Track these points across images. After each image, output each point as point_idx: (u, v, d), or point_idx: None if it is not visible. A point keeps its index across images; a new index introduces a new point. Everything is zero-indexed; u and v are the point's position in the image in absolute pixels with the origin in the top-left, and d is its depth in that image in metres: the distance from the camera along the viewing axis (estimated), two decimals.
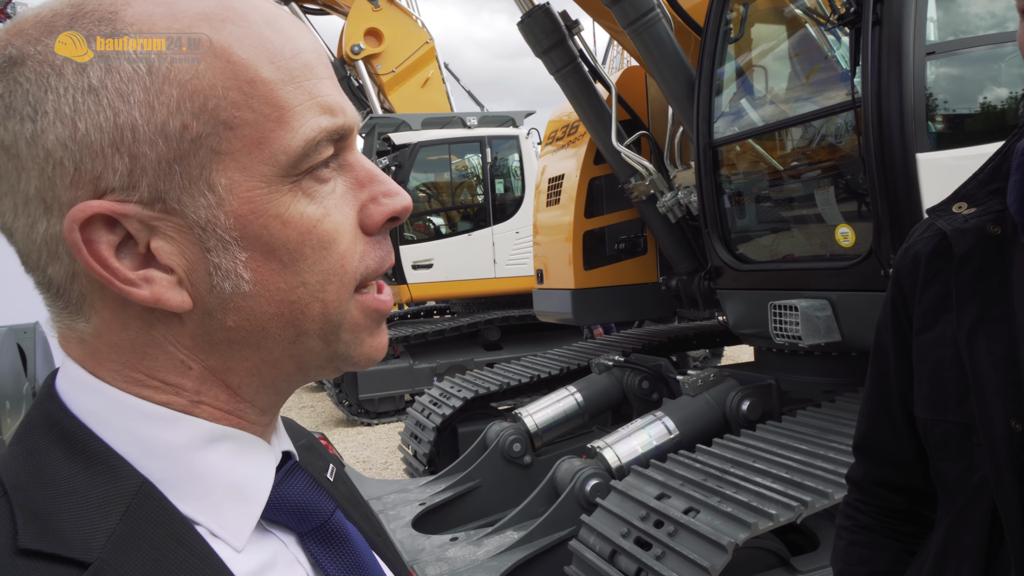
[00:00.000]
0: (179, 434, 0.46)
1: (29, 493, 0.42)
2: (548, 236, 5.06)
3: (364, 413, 8.07)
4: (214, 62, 0.44)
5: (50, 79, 0.42)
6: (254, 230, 0.45)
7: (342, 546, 0.53)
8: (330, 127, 0.46)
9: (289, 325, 0.48)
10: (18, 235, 0.45)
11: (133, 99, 0.42)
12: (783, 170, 3.42)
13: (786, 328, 2.95)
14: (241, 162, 0.44)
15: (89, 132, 0.42)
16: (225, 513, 0.47)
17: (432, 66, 9.91)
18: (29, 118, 0.42)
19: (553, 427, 4.16)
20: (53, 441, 0.44)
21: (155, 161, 0.43)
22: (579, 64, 4.29)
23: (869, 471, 1.14)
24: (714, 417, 3.47)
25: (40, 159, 0.42)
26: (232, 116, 0.44)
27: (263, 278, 0.46)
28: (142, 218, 0.44)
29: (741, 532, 2.25)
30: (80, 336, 0.47)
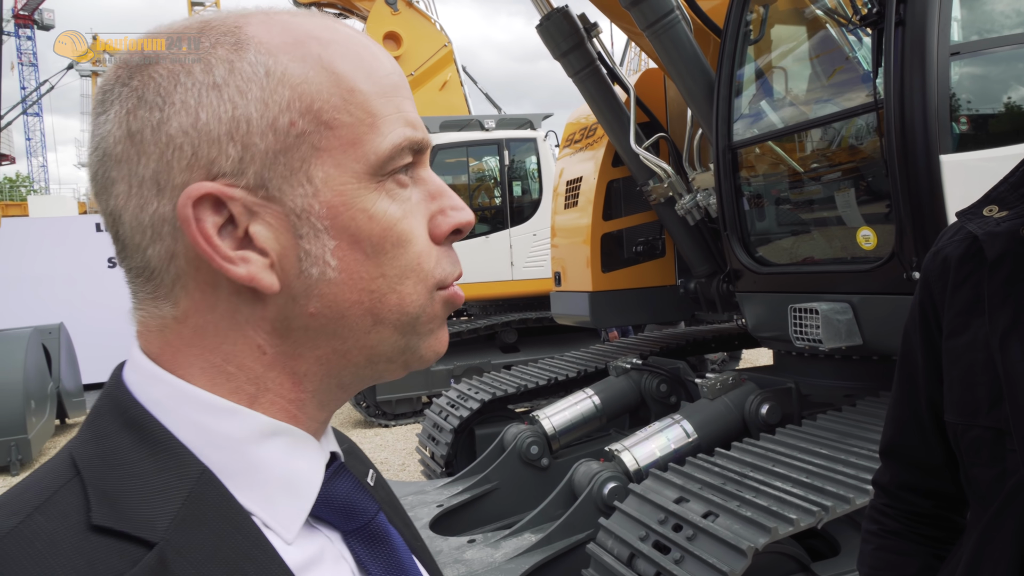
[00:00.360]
0: (239, 426, 0.49)
1: (100, 474, 0.45)
2: (566, 238, 5.06)
3: (381, 415, 8.10)
4: (321, 71, 0.50)
5: (180, 76, 0.48)
6: (343, 220, 0.49)
7: (384, 546, 0.55)
8: (412, 137, 0.52)
9: (367, 314, 0.51)
10: (127, 216, 0.49)
11: (250, 96, 0.48)
12: (803, 172, 3.40)
13: (806, 331, 2.92)
14: (337, 158, 0.49)
15: (209, 122, 0.47)
16: (277, 505, 0.49)
17: (450, 69, 9.95)
18: (157, 107, 0.47)
19: (570, 430, 4.16)
20: (121, 427, 0.47)
21: (263, 151, 0.48)
22: (597, 67, 4.29)
23: (896, 475, 1.13)
24: (733, 421, 3.45)
25: (162, 144, 0.47)
26: (332, 118, 0.49)
27: (347, 266, 0.50)
28: (246, 203, 0.48)
29: (761, 536, 2.23)
30: (162, 323, 0.50)
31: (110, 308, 12.00)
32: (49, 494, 0.44)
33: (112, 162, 0.49)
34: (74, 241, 12.25)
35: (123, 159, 0.48)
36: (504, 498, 3.95)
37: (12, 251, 10.37)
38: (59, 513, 0.43)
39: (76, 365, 9.43)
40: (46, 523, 0.42)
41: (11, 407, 7.10)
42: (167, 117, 0.47)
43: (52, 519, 0.42)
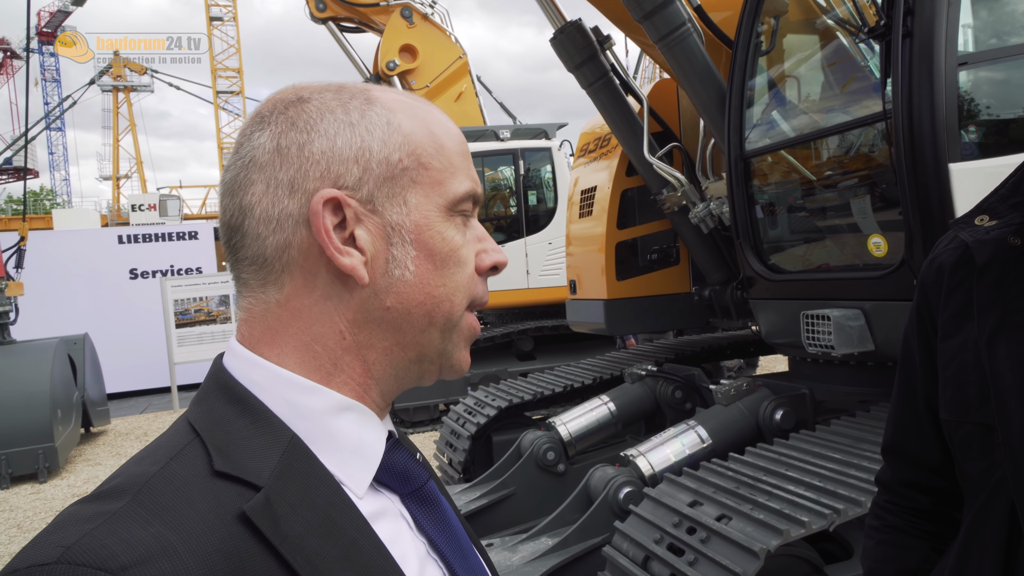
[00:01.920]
0: (319, 401, 0.61)
1: (215, 436, 0.57)
2: (581, 247, 5.12)
3: (400, 422, 8.18)
4: (424, 129, 0.66)
5: (326, 113, 0.63)
6: (424, 237, 0.64)
7: (435, 508, 0.68)
8: (475, 190, 0.68)
9: (426, 315, 0.64)
10: (259, 210, 0.62)
11: (375, 135, 0.63)
12: (815, 180, 3.44)
13: (819, 338, 2.96)
14: (426, 191, 0.65)
15: (343, 148, 0.62)
16: (350, 466, 0.61)
17: (465, 80, 10.06)
18: (305, 131, 0.62)
19: (586, 436, 4.21)
20: (227, 402, 0.60)
21: (377, 176, 0.63)
22: (611, 78, 4.36)
23: (897, 473, 1.18)
24: (747, 426, 3.48)
25: (303, 158, 0.61)
26: (428, 162, 0.65)
27: (421, 273, 0.64)
28: (357, 211, 0.62)
29: (773, 539, 2.27)
30: (266, 308, 0.63)
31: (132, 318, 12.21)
32: (180, 448, 0.56)
33: (256, 168, 0.62)
34: (97, 253, 12.49)
35: (267, 165, 0.62)
36: (521, 503, 4.00)
37: (38, 263, 10.58)
38: (189, 461, 0.55)
39: (100, 374, 9.60)
40: (180, 469, 0.54)
41: (39, 416, 7.25)
42: (311, 140, 0.62)
43: (185, 466, 0.55)
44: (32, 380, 7.43)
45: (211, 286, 11.31)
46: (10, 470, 7.16)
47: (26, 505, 6.58)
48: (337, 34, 9.82)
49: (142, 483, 0.53)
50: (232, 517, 0.52)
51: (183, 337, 11.09)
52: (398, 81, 9.48)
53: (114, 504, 0.51)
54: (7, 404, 7.17)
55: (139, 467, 0.56)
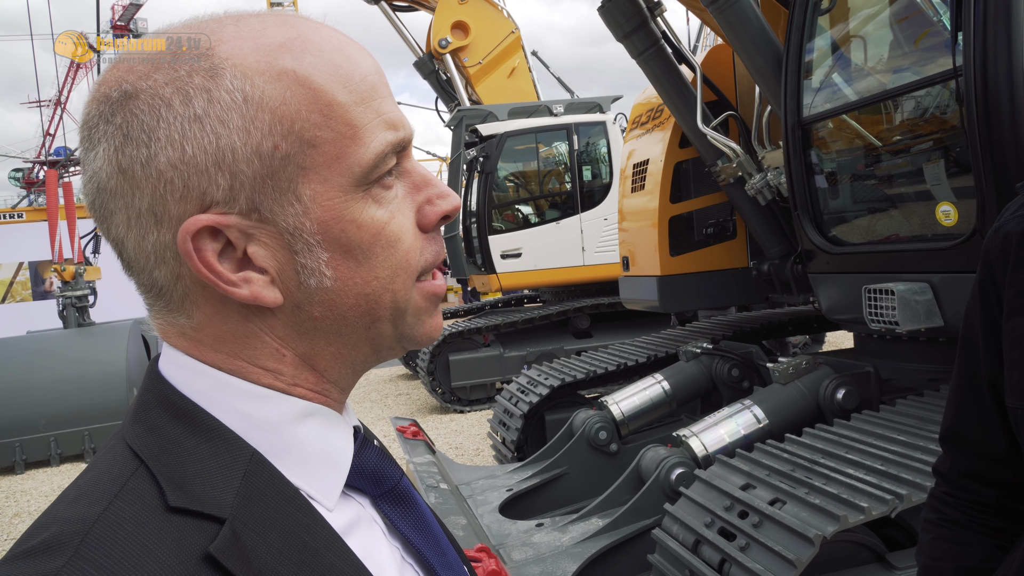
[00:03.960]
0: (278, 410, 0.54)
1: (162, 462, 0.49)
2: (634, 222, 5.00)
3: (456, 400, 8.27)
4: (298, 90, 0.50)
5: (161, 110, 0.49)
6: (334, 233, 0.52)
7: (409, 506, 0.61)
8: (394, 140, 0.54)
9: (365, 314, 0.55)
10: (129, 245, 0.52)
11: (232, 125, 0.49)
12: (879, 146, 3.23)
13: (882, 313, 2.80)
14: (322, 175, 0.51)
15: (195, 154, 0.49)
16: (318, 478, 0.54)
17: (518, 55, 9.93)
18: (144, 144, 0.49)
19: (639, 415, 4.13)
20: (172, 419, 0.51)
21: (251, 177, 0.50)
22: (662, 46, 4.20)
23: (957, 463, 1.09)
24: (806, 406, 3.34)
25: (153, 178, 0.49)
26: (314, 136, 0.51)
27: (342, 274, 0.53)
28: (241, 227, 0.51)
29: (829, 525, 2.17)
30: (181, 331, 0.54)
31: None
32: (123, 483, 0.47)
33: (108, 195, 0.51)
34: None
35: (118, 193, 0.51)
36: (573, 483, 3.97)
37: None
38: (137, 498, 0.47)
39: None
40: (128, 508, 0.46)
41: (116, 394, 7.65)
42: (154, 153, 0.49)
43: (132, 504, 0.46)
44: (109, 360, 7.84)
45: None
46: (93, 445, 7.59)
47: None
48: (390, 14, 9.84)
49: (84, 531, 0.44)
50: (197, 560, 0.44)
51: None
52: (450, 59, 9.44)
53: (53, 562, 0.42)
54: (87, 383, 7.60)
55: (76, 509, 0.46)
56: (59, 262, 8.63)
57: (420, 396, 9.26)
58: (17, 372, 7.61)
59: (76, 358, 7.85)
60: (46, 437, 7.45)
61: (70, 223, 9.01)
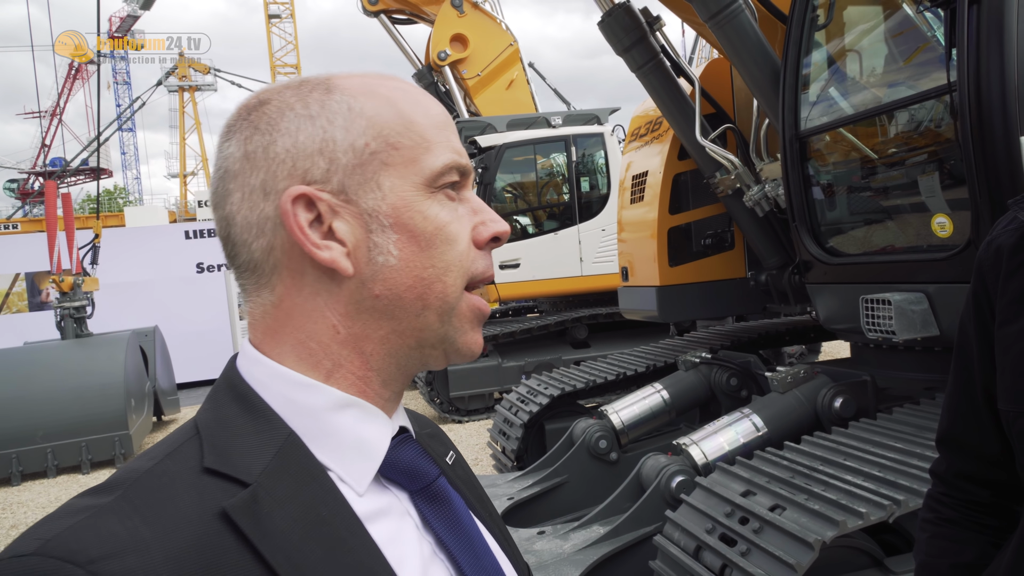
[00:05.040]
0: (319, 399, 0.62)
1: (214, 433, 0.59)
2: (633, 233, 5.05)
3: (455, 411, 8.28)
4: (388, 108, 0.64)
5: (285, 111, 0.62)
6: (404, 219, 0.62)
7: (444, 505, 0.66)
8: (457, 161, 0.66)
9: (418, 299, 0.63)
10: (239, 218, 0.62)
11: (336, 124, 0.62)
12: (875, 158, 3.30)
13: (879, 323, 2.84)
14: (400, 172, 0.63)
15: (305, 142, 0.62)
16: (349, 464, 0.61)
17: (516, 67, 10.03)
18: (267, 133, 0.62)
19: (639, 424, 4.16)
20: (232, 400, 0.62)
21: (345, 164, 0.62)
22: (661, 60, 4.27)
23: (952, 464, 1.13)
24: (804, 414, 3.39)
25: (269, 159, 0.61)
26: (397, 141, 0.63)
27: (405, 256, 0.62)
28: (330, 204, 0.61)
29: (829, 530, 2.20)
30: (264, 311, 0.64)
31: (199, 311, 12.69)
32: (177, 445, 0.58)
33: (230, 177, 0.63)
34: (166, 248, 13.00)
35: (239, 173, 0.62)
36: (573, 491, 4.00)
37: (111, 259, 11.09)
38: (181, 458, 0.57)
39: (170, 365, 10.02)
40: (172, 465, 0.56)
41: (114, 405, 7.64)
42: (274, 140, 0.62)
43: (176, 462, 0.56)
44: (107, 371, 7.82)
45: None
46: (90, 456, 7.57)
47: None
48: (389, 26, 9.93)
49: (134, 478, 0.55)
50: (213, 513, 0.52)
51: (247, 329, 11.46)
52: (449, 71, 9.52)
53: (105, 498, 0.53)
54: (85, 394, 7.58)
55: (139, 462, 0.58)
56: (57, 273, 8.64)
57: (419, 406, 9.27)
58: (14, 383, 7.58)
59: (74, 369, 7.83)
60: (43, 448, 7.43)
61: (68, 234, 9.02)
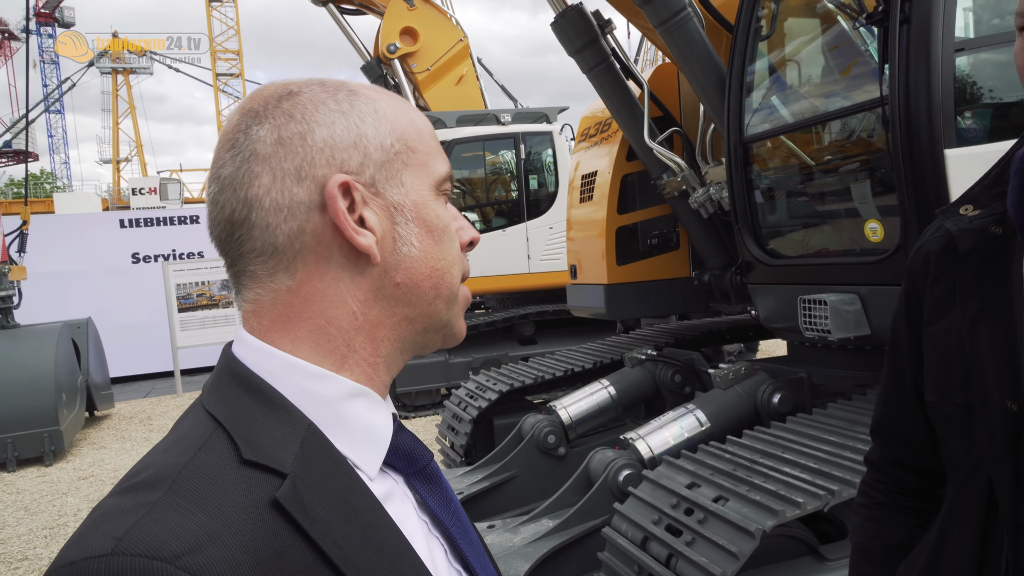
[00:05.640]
0: (332, 388, 0.64)
1: (238, 426, 0.60)
2: (581, 232, 5.15)
3: (402, 407, 8.25)
4: (404, 116, 0.70)
5: (319, 104, 0.66)
6: (423, 214, 0.68)
7: (438, 485, 0.72)
8: (451, 172, 0.74)
9: (433, 287, 0.69)
10: (268, 201, 0.64)
11: (367, 122, 0.67)
12: (814, 165, 3.46)
13: (816, 322, 2.99)
14: (416, 173, 0.69)
15: (342, 135, 0.66)
16: (363, 450, 0.65)
17: (466, 63, 10.00)
18: (304, 122, 0.65)
19: (587, 419, 4.25)
20: (243, 392, 0.62)
21: (375, 160, 0.66)
22: (612, 63, 4.35)
23: (884, 452, 1.23)
24: (745, 410, 3.53)
25: (307, 146, 0.64)
26: (414, 145, 0.70)
27: (424, 248, 0.68)
28: (363, 194, 0.65)
29: (768, 519, 2.32)
30: (275, 296, 0.65)
31: (135, 303, 12.25)
32: (206, 438, 0.59)
33: (258, 160, 0.64)
34: (99, 237, 12.49)
35: (270, 157, 0.64)
36: (522, 486, 4.06)
37: (40, 247, 10.59)
38: (217, 452, 0.58)
39: (103, 359, 9.66)
40: (210, 458, 0.57)
41: (44, 399, 7.32)
42: (312, 129, 0.65)
43: (213, 455, 0.57)
44: (36, 364, 7.50)
45: (213, 270, 11.32)
46: (16, 453, 7.24)
47: (32, 488, 6.67)
48: (338, 16, 9.76)
49: (176, 473, 0.55)
50: (265, 504, 0.54)
51: (186, 321, 11.13)
52: (399, 64, 9.45)
53: (152, 495, 0.53)
54: (12, 388, 7.24)
55: (168, 456, 0.58)
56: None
57: None
58: None
59: (0, 361, 7.48)
60: None
61: None
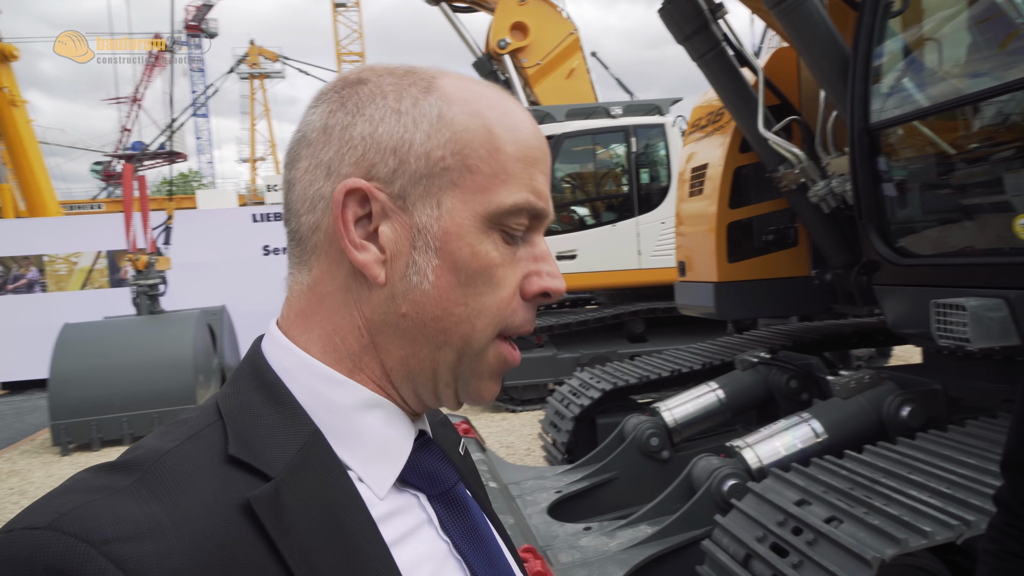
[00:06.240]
0: (347, 396, 0.60)
1: (237, 420, 0.56)
2: (691, 227, 4.93)
3: (509, 400, 8.30)
4: (479, 127, 0.60)
5: (376, 97, 0.60)
6: (451, 247, 0.59)
7: (461, 511, 0.65)
8: (533, 204, 0.61)
9: (440, 332, 0.60)
10: (299, 187, 0.61)
11: (420, 127, 0.59)
12: (953, 154, 3.10)
13: (952, 329, 2.68)
14: (465, 197, 0.59)
15: (383, 135, 0.59)
16: (372, 465, 0.59)
17: (577, 56, 9.89)
18: (351, 113, 0.59)
19: (692, 423, 4.07)
20: (256, 387, 0.59)
21: (413, 171, 0.58)
22: (723, 48, 4.12)
23: (1019, 491, 1.05)
24: (868, 422, 3.24)
25: (345, 140, 0.59)
26: (474, 164, 0.59)
27: (440, 285, 0.59)
28: (385, 206, 0.59)
29: (888, 547, 2.09)
30: (300, 289, 0.62)
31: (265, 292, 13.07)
32: (199, 429, 0.56)
33: (305, 144, 0.61)
34: (234, 231, 13.42)
35: (313, 143, 0.61)
36: (622, 488, 3.95)
37: (183, 240, 11.53)
38: (204, 443, 0.54)
39: (236, 343, 10.39)
40: (195, 449, 0.54)
41: (183, 379, 7.97)
42: (355, 122, 0.59)
43: (200, 447, 0.54)
44: (177, 347, 8.17)
45: None
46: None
47: None
48: (450, 14, 9.93)
49: (154, 459, 0.52)
50: (235, 505, 0.51)
51: None
52: (509, 59, 9.48)
53: (123, 480, 0.51)
54: (157, 368, 7.94)
55: (158, 441, 0.55)
56: (133, 252, 9.03)
57: None
58: (94, 355, 8.00)
59: (147, 344, 8.20)
60: (119, 418, 7.81)
61: (144, 214, 9.42)
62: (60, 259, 12.41)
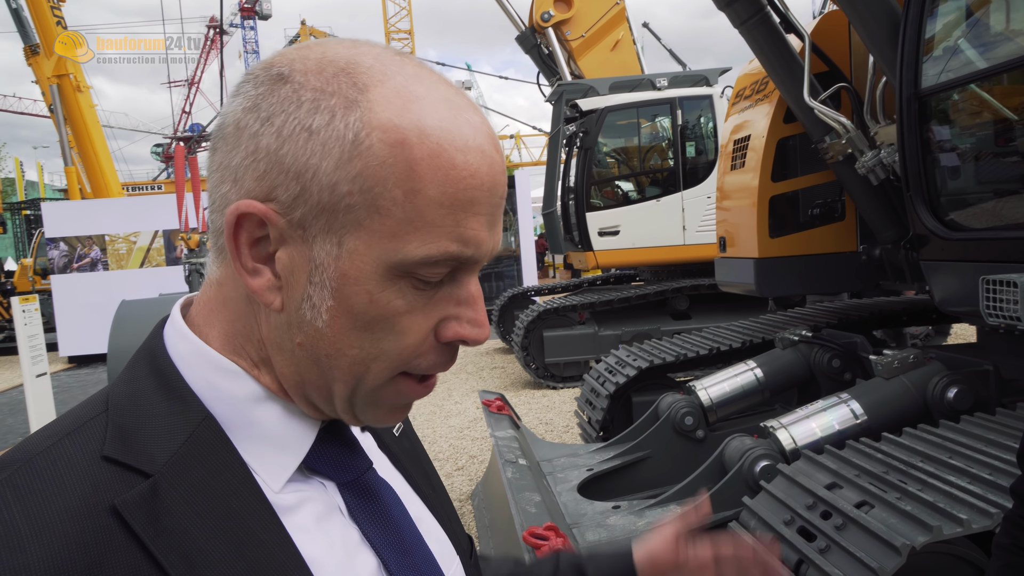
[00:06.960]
0: (241, 388, 0.57)
1: (123, 412, 0.54)
2: (733, 201, 4.77)
3: (550, 376, 8.28)
4: (399, 163, 0.52)
5: (290, 106, 0.52)
6: (347, 291, 0.54)
7: (372, 500, 0.63)
8: (453, 253, 0.54)
9: (333, 368, 0.56)
10: (212, 179, 0.57)
11: (330, 154, 0.52)
12: (1013, 120, 2.90)
13: (1002, 307, 2.52)
14: (369, 240, 0.53)
15: (287, 155, 0.52)
16: (267, 457, 0.57)
17: (622, 27, 9.66)
18: (262, 121, 0.53)
19: (728, 403, 3.97)
20: (150, 373, 0.57)
21: (315, 202, 0.52)
22: (767, 14, 3.93)
23: None
24: (911, 404, 3.09)
25: (251, 150, 0.53)
26: (384, 206, 0.52)
27: (335, 325, 0.55)
28: (284, 232, 0.54)
29: (920, 535, 1.99)
30: (211, 281, 0.60)
31: None
32: (79, 425, 0.53)
33: (221, 137, 0.56)
34: None
35: (227, 138, 0.55)
36: (654, 467, 3.89)
37: None
38: (82, 441, 0.52)
39: None
40: (70, 448, 0.51)
41: None
42: (262, 132, 0.53)
43: (75, 445, 0.52)
44: None
45: None
46: None
47: None
48: None
49: (26, 459, 0.50)
50: (104, 507, 0.48)
51: None
52: (552, 32, 9.31)
53: None
54: None
55: (36, 439, 0.53)
56: (185, 231, 9.30)
57: (515, 370, 9.35)
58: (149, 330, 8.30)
59: None
60: None
61: (195, 195, 9.68)
62: (120, 239, 12.90)
